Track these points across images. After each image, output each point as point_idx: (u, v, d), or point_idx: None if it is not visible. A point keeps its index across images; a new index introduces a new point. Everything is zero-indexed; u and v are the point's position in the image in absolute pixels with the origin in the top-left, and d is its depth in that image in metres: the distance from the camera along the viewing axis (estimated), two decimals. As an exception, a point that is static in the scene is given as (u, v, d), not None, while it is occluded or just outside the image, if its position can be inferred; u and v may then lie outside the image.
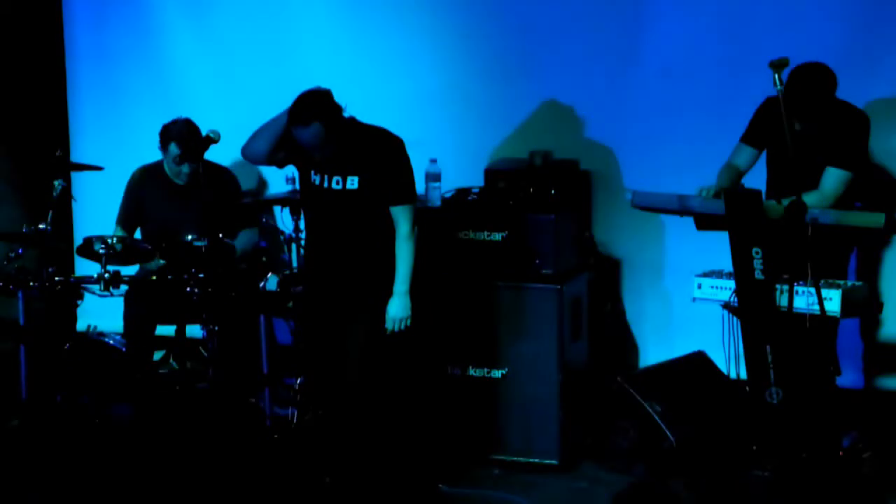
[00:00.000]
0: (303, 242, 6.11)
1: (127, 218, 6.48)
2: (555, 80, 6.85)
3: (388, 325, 5.41)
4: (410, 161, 5.44)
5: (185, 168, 6.30)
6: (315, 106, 5.24)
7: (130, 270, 6.25)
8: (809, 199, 5.19)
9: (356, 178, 5.34)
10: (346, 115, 5.32)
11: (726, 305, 5.30)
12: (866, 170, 5.72)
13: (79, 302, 6.14)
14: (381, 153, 5.38)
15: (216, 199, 6.13)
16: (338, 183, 5.36)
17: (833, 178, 5.50)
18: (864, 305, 5.44)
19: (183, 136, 6.25)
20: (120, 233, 6.38)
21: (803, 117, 5.50)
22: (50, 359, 5.99)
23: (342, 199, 5.36)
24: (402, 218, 5.38)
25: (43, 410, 5.93)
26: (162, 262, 6.04)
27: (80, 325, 6.32)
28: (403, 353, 6.12)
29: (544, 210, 6.03)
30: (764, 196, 5.56)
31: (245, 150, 5.50)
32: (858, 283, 5.32)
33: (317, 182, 5.40)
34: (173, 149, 6.29)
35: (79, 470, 5.67)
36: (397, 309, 5.40)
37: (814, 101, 5.46)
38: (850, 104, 5.63)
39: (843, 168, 5.50)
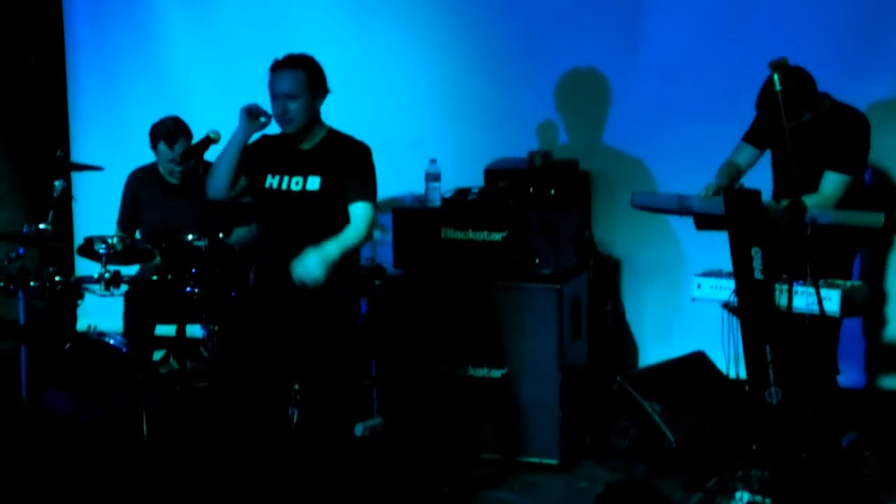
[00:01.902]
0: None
1: (125, 220, 6.49)
2: (554, 80, 6.86)
3: (296, 277, 5.03)
4: (375, 170, 5.22)
5: (178, 168, 6.31)
6: (304, 57, 5.19)
7: (130, 270, 6.25)
8: (808, 202, 5.20)
9: (317, 179, 5.14)
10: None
11: (726, 305, 5.30)
12: (866, 172, 5.73)
13: (79, 302, 6.14)
14: (345, 154, 5.18)
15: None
16: (297, 184, 5.16)
17: (832, 182, 5.51)
18: (863, 305, 5.44)
19: (171, 133, 6.26)
20: (121, 235, 6.39)
21: (788, 115, 5.48)
22: (50, 359, 5.99)
23: (301, 202, 5.14)
24: (361, 213, 5.12)
25: (42, 410, 5.92)
26: (158, 259, 6.01)
27: (81, 325, 6.32)
28: (404, 354, 6.15)
29: (544, 210, 6.03)
30: (770, 197, 5.57)
31: (209, 192, 5.33)
32: (858, 283, 5.32)
33: (274, 185, 5.18)
34: (162, 148, 6.30)
35: (79, 470, 5.67)
36: (312, 263, 4.98)
37: (792, 96, 5.44)
38: (850, 106, 5.64)
39: (842, 172, 5.50)
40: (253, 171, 5.27)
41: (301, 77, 5.13)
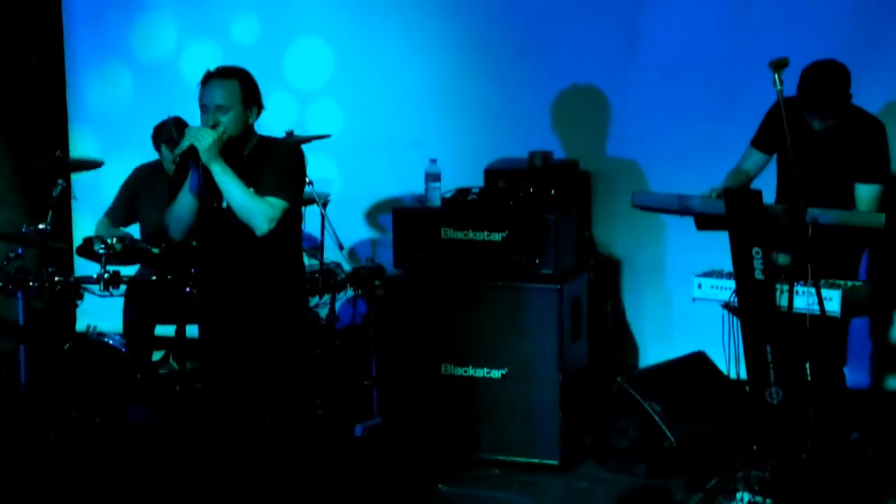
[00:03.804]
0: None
1: (115, 211, 6.46)
2: (555, 80, 6.86)
3: (188, 135, 4.93)
4: (299, 167, 5.09)
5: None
6: (238, 69, 5.04)
7: (130, 270, 6.25)
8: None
9: (250, 190, 4.96)
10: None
11: (726, 305, 5.29)
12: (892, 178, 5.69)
13: (78, 302, 6.14)
14: (268, 156, 5.04)
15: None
16: None
17: (867, 195, 5.46)
18: (865, 305, 5.43)
19: (172, 138, 6.23)
20: (105, 224, 6.36)
21: (822, 115, 5.48)
22: (50, 359, 5.98)
23: (234, 217, 4.96)
24: (270, 201, 4.93)
25: (43, 411, 5.92)
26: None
27: (80, 325, 6.32)
28: (404, 354, 6.15)
29: (544, 210, 6.03)
30: (773, 201, 5.55)
31: (174, 235, 5.15)
32: (858, 283, 5.32)
33: (214, 206, 5.03)
34: (165, 152, 6.28)
35: (78, 470, 5.67)
36: (207, 132, 4.90)
37: (830, 98, 5.44)
38: (865, 111, 5.57)
39: (874, 182, 5.46)
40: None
41: (234, 88, 4.97)
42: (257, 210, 4.92)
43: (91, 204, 7.28)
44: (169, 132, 6.26)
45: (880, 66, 6.26)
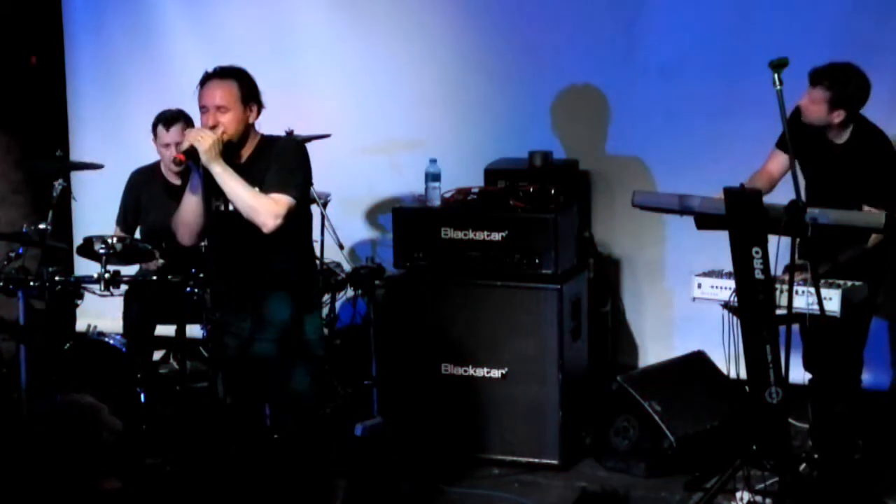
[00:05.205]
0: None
1: (125, 220, 6.47)
2: (555, 80, 6.86)
3: (188, 137, 4.91)
4: (303, 163, 5.01)
5: (175, 166, 6.27)
6: (237, 69, 5.01)
7: (130, 270, 6.25)
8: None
9: (255, 190, 4.91)
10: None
11: (726, 305, 5.30)
12: None
13: (79, 302, 6.14)
14: (271, 155, 4.98)
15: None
16: None
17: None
18: (865, 305, 5.43)
19: (168, 117, 6.20)
20: (119, 234, 6.39)
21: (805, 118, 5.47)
22: (50, 359, 5.98)
23: (240, 218, 4.90)
24: (275, 198, 4.85)
25: (43, 410, 5.92)
26: (161, 261, 6.00)
27: (80, 325, 6.31)
28: (404, 353, 6.15)
29: (544, 210, 6.03)
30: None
31: (184, 241, 5.12)
32: (858, 283, 5.32)
33: (221, 208, 4.98)
34: (160, 131, 6.23)
35: (78, 470, 5.66)
36: (207, 134, 4.86)
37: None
38: (876, 128, 5.53)
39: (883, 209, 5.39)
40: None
41: (233, 88, 4.96)
42: (261, 207, 4.88)
43: (91, 204, 7.29)
44: (166, 113, 6.25)
45: (880, 65, 6.26)
